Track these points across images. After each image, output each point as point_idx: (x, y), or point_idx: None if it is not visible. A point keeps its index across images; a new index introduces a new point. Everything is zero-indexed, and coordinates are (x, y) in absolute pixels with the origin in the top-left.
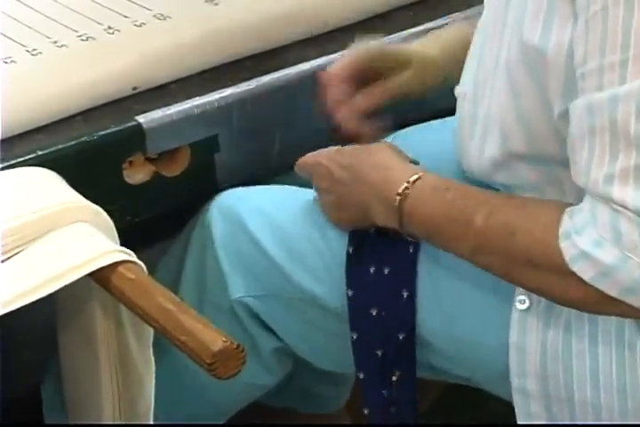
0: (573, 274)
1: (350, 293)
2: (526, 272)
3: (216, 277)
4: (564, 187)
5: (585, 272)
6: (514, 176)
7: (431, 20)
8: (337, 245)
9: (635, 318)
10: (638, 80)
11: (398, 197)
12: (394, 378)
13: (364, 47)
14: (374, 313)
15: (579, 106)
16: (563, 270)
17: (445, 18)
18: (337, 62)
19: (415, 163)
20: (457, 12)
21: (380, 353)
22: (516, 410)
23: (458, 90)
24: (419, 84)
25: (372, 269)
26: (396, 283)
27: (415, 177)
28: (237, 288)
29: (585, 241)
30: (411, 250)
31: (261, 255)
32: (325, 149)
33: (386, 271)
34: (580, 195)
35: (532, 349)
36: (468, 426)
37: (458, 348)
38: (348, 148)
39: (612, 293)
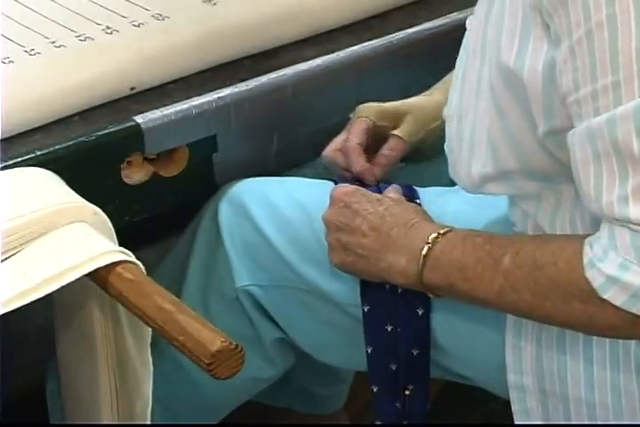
0: (604, 301)
1: (366, 308)
2: (554, 306)
3: (222, 265)
4: (561, 195)
5: (617, 298)
6: (511, 187)
7: (430, 20)
8: None
9: None
10: (633, 101)
11: (427, 246)
12: (407, 392)
13: (366, 112)
14: (389, 329)
15: (578, 134)
16: (593, 299)
17: (445, 18)
18: (350, 134)
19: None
20: (456, 11)
21: (394, 368)
22: (512, 407)
23: (445, 112)
24: (421, 128)
25: (387, 286)
26: (411, 300)
27: (447, 229)
28: (242, 277)
29: (610, 267)
30: None
31: (267, 246)
32: (363, 198)
33: (400, 290)
34: (575, 203)
35: (527, 345)
36: (467, 426)
37: (458, 344)
38: (382, 199)
39: None
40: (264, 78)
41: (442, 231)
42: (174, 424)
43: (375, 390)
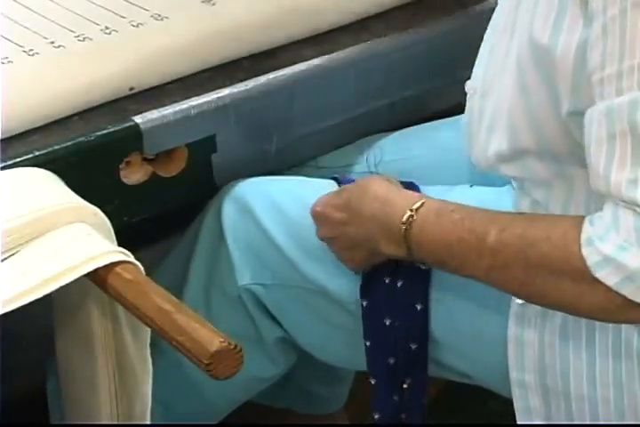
0: (596, 281)
1: (364, 302)
2: (545, 283)
3: (225, 264)
4: (572, 182)
5: (609, 278)
6: (522, 170)
7: (429, 20)
8: None
9: None
10: None
11: (403, 227)
12: (405, 385)
13: None
14: (387, 323)
15: (597, 112)
16: (585, 278)
17: (444, 18)
18: None
19: (415, 186)
20: (456, 12)
21: (392, 361)
22: (514, 404)
23: (468, 85)
24: None
25: (386, 280)
26: (410, 295)
27: (418, 204)
28: (245, 276)
29: (608, 246)
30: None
31: (270, 245)
32: (322, 195)
33: (399, 284)
34: (588, 191)
35: (530, 342)
36: (467, 426)
37: (459, 340)
38: (341, 188)
39: (637, 298)
40: (263, 78)
41: (414, 207)
42: (174, 424)
43: (373, 382)
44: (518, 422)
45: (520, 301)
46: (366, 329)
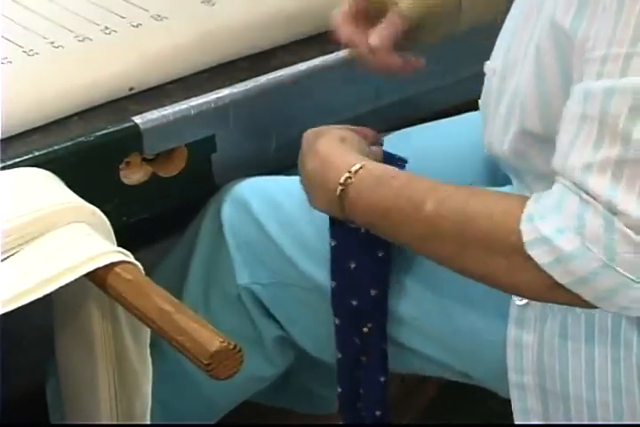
0: (528, 258)
1: (333, 242)
2: (476, 257)
3: (224, 263)
4: None
5: (541, 257)
6: (526, 159)
7: None
8: None
9: (579, 308)
10: (638, 77)
11: (340, 187)
12: (365, 329)
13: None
14: (352, 266)
15: (577, 90)
16: (519, 254)
17: None
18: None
19: (404, 161)
20: None
21: (354, 303)
22: (512, 406)
23: (488, 65)
24: (421, 7)
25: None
26: (373, 242)
27: (357, 166)
28: (244, 275)
29: (547, 226)
30: None
31: (269, 244)
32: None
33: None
34: None
35: (529, 344)
36: (466, 426)
37: (458, 340)
38: (315, 130)
39: (564, 281)
40: (262, 79)
41: (353, 169)
42: (174, 424)
43: (337, 322)
44: (516, 423)
45: (520, 303)
46: (332, 270)
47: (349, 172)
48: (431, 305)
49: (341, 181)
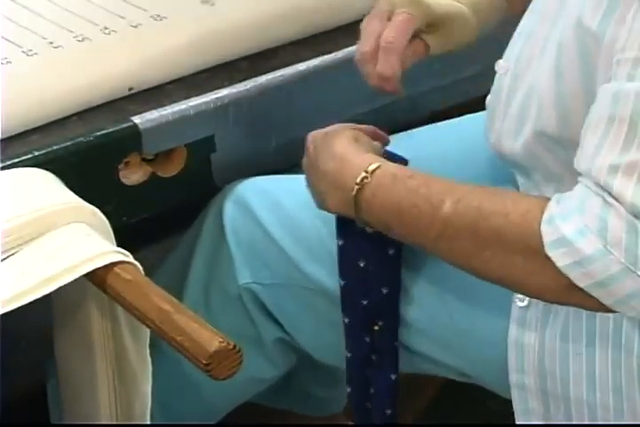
0: (547, 260)
1: (340, 242)
2: (493, 258)
3: (226, 263)
4: None
5: (560, 259)
6: (537, 159)
7: None
8: None
9: (596, 312)
10: None
11: (357, 187)
12: (376, 327)
13: (416, 10)
14: (362, 265)
15: (607, 90)
16: (537, 256)
17: None
18: (395, 29)
19: (404, 161)
20: None
21: (365, 302)
22: (514, 406)
23: (499, 64)
24: (451, 43)
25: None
26: (383, 240)
27: (374, 166)
28: (245, 275)
29: (569, 227)
30: None
31: (271, 244)
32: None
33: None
34: None
35: (530, 345)
36: (466, 426)
37: (460, 340)
38: (324, 131)
39: (582, 284)
40: (262, 79)
41: (370, 168)
42: (174, 424)
43: (346, 321)
44: (517, 423)
45: (522, 303)
46: (341, 270)
47: (366, 171)
48: (433, 306)
49: (358, 180)
